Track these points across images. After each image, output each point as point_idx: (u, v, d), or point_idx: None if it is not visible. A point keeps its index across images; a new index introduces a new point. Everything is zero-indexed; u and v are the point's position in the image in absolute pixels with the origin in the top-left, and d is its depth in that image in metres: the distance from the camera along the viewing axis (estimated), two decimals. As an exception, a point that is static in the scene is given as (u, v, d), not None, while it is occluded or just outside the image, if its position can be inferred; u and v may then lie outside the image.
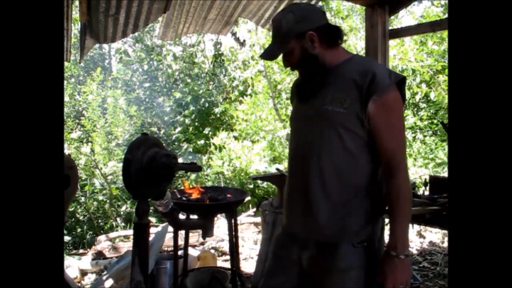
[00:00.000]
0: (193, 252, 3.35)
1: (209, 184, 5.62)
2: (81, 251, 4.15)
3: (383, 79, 1.21)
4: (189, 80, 7.84)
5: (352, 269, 1.29)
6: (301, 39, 1.29)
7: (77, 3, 2.93)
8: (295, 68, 1.40)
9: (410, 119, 7.27)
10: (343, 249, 1.28)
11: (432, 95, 6.65)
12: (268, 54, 1.37)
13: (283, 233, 1.46)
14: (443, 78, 6.49)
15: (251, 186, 5.68)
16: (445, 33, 6.40)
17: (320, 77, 1.31)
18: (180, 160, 5.96)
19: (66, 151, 5.59)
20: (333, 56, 1.33)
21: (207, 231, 2.11)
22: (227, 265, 3.16)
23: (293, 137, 1.43)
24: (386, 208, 1.32)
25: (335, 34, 1.34)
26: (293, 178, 1.39)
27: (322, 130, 1.28)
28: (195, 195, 2.28)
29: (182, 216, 2.16)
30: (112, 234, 4.14)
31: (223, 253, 3.79)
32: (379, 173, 1.32)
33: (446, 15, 6.21)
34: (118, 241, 3.93)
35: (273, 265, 1.45)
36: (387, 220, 2.89)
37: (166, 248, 3.60)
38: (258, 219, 4.25)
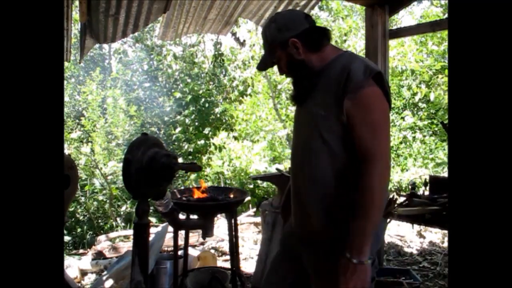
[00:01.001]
0: (193, 252, 3.35)
1: (209, 184, 5.63)
2: (81, 251, 4.15)
3: (358, 75, 1.19)
4: (189, 80, 7.84)
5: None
6: (285, 47, 1.32)
7: (77, 3, 2.93)
8: (287, 75, 1.44)
9: (409, 119, 7.28)
10: (331, 250, 1.28)
11: (432, 95, 6.65)
12: (261, 65, 1.44)
13: (289, 229, 1.52)
14: (442, 78, 6.49)
15: (251, 186, 5.68)
16: (445, 33, 6.40)
17: (308, 81, 1.32)
18: (180, 160, 5.96)
19: (66, 151, 5.59)
20: (320, 58, 1.33)
21: (207, 231, 2.11)
22: (227, 265, 3.16)
23: (293, 138, 1.47)
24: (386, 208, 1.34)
25: (319, 37, 1.34)
26: (292, 178, 1.44)
27: (311, 132, 1.29)
28: (199, 195, 2.29)
29: (182, 216, 2.16)
30: (112, 234, 4.14)
31: (223, 253, 3.79)
32: None
33: (446, 15, 6.22)
34: (118, 241, 3.93)
35: (279, 254, 1.54)
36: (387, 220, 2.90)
37: (166, 248, 3.60)
38: (258, 219, 4.26)
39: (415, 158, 6.92)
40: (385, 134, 1.24)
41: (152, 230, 3.36)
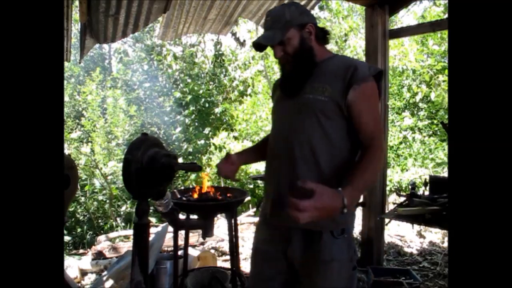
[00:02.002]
0: (193, 252, 3.35)
1: (209, 184, 5.62)
2: (81, 251, 4.15)
3: (363, 71, 1.32)
4: (189, 80, 7.83)
5: (334, 261, 1.33)
6: (300, 30, 1.38)
7: (77, 3, 2.93)
8: (288, 59, 1.40)
9: (409, 120, 7.27)
10: (326, 240, 1.33)
11: (432, 95, 6.65)
12: (268, 39, 1.37)
13: (266, 227, 1.48)
14: (443, 78, 6.49)
15: (251, 186, 5.68)
16: (445, 33, 6.39)
17: (310, 69, 1.39)
18: (180, 160, 5.96)
19: (66, 151, 5.59)
20: (320, 52, 1.43)
21: (207, 231, 2.11)
22: (227, 265, 3.16)
23: (276, 130, 1.47)
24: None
25: (325, 33, 1.46)
26: (278, 169, 1.40)
27: (304, 118, 1.34)
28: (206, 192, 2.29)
29: (182, 216, 2.16)
30: (112, 234, 4.14)
31: (223, 253, 3.79)
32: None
33: (446, 15, 6.21)
34: (118, 241, 3.93)
35: (261, 262, 1.49)
36: (387, 220, 2.91)
37: (166, 248, 3.60)
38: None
39: (415, 158, 6.92)
40: (380, 123, 1.42)
41: (152, 230, 3.37)
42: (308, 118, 1.33)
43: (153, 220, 4.61)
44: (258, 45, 1.41)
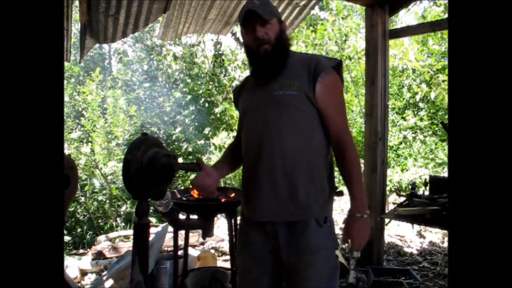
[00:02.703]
0: (193, 252, 3.35)
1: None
2: (81, 251, 4.15)
3: (325, 63, 1.40)
4: (189, 80, 7.83)
5: (321, 249, 1.39)
6: (279, 24, 1.46)
7: (77, 3, 2.93)
8: (268, 40, 1.41)
9: (410, 120, 7.27)
10: (312, 228, 1.38)
11: (432, 95, 6.65)
12: (262, 11, 1.38)
13: (249, 225, 1.48)
14: (443, 77, 6.49)
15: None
16: (445, 33, 6.39)
17: (285, 57, 1.44)
18: (180, 160, 5.96)
19: (66, 151, 5.59)
20: None
21: (207, 231, 2.11)
22: (227, 265, 3.16)
23: (249, 129, 1.48)
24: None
25: (289, 39, 1.53)
26: (255, 166, 1.42)
27: (276, 114, 1.38)
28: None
29: (182, 216, 2.16)
30: (112, 234, 4.14)
31: (223, 253, 3.78)
32: (329, 157, 1.46)
33: (447, 15, 6.21)
34: (118, 241, 3.93)
35: (247, 260, 1.49)
36: (387, 220, 2.90)
37: (166, 248, 3.60)
38: (258, 219, 4.25)
39: (415, 158, 6.91)
40: (345, 112, 1.50)
41: (152, 230, 3.36)
42: (282, 114, 1.37)
43: (153, 220, 4.61)
44: (245, 17, 1.41)
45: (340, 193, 1.53)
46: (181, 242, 2.68)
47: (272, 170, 1.37)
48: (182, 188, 2.36)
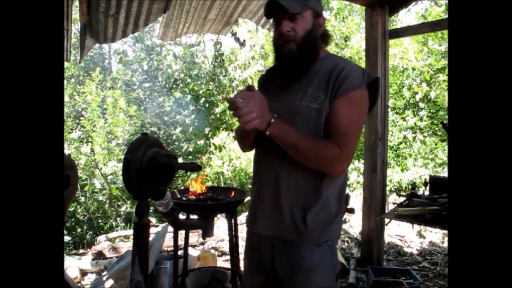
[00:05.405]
0: (193, 252, 3.35)
1: (209, 184, 5.62)
2: (81, 251, 4.15)
3: (356, 78, 1.23)
4: (189, 80, 7.83)
5: (316, 268, 1.29)
6: (315, 17, 1.28)
7: (77, 3, 2.93)
8: (295, 37, 1.26)
9: (410, 120, 7.27)
10: (308, 248, 1.29)
11: (432, 95, 6.65)
12: (288, 5, 1.22)
13: (253, 235, 1.46)
14: (443, 77, 6.49)
15: (251, 186, 5.67)
16: (445, 33, 6.39)
17: (311, 59, 1.29)
18: (180, 160, 5.96)
19: (66, 151, 5.59)
20: (320, 52, 1.34)
21: (207, 231, 2.11)
22: (227, 265, 3.16)
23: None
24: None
25: (329, 35, 1.37)
26: (262, 179, 1.38)
27: (293, 125, 1.23)
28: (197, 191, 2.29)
29: (182, 216, 2.16)
30: (112, 234, 4.14)
31: (223, 253, 3.79)
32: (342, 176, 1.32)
33: (447, 15, 6.21)
34: (118, 241, 3.93)
35: (249, 265, 1.49)
36: (387, 220, 2.90)
37: (166, 248, 3.60)
38: (258, 219, 4.24)
39: (415, 158, 6.91)
40: (358, 133, 1.27)
41: (152, 230, 3.37)
42: (299, 127, 1.22)
43: (153, 220, 4.61)
44: (270, 8, 1.26)
45: (351, 211, 1.44)
46: (181, 242, 2.68)
47: (271, 185, 1.32)
48: (182, 188, 2.35)
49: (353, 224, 4.39)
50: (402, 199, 2.70)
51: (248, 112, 1.10)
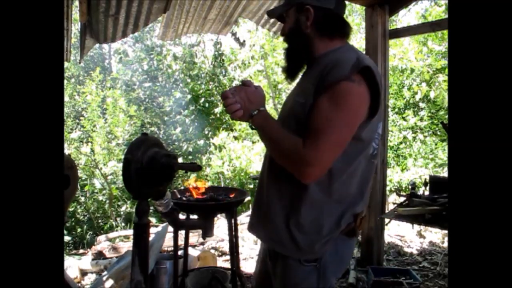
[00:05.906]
0: (193, 252, 3.35)
1: (209, 184, 5.62)
2: (81, 251, 4.15)
3: (342, 69, 1.06)
4: (189, 80, 7.84)
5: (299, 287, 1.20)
6: (299, 12, 1.19)
7: (77, 3, 2.93)
8: (284, 39, 1.28)
9: (410, 119, 7.27)
10: (292, 264, 1.20)
11: (432, 95, 6.65)
12: (270, 11, 1.27)
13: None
14: (443, 77, 6.49)
15: (251, 186, 5.68)
16: (445, 33, 6.39)
17: (299, 59, 1.24)
18: (180, 160, 5.95)
19: (66, 151, 5.59)
20: (323, 46, 1.20)
21: (207, 231, 2.11)
22: (227, 265, 3.16)
23: None
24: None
25: (334, 24, 1.20)
26: (258, 183, 1.38)
27: (287, 121, 1.19)
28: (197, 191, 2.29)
29: (182, 216, 2.16)
30: (112, 234, 4.14)
31: (223, 253, 3.79)
32: (337, 188, 1.15)
33: (447, 15, 6.21)
34: (118, 241, 3.93)
35: (258, 268, 1.51)
36: (387, 220, 2.90)
37: (166, 248, 3.60)
38: (258, 219, 4.24)
39: (415, 158, 6.91)
40: (337, 135, 1.07)
41: (152, 230, 3.37)
42: (291, 124, 1.16)
43: (153, 220, 4.61)
44: (268, 16, 1.31)
45: (352, 233, 1.22)
46: (181, 242, 2.68)
47: (258, 193, 1.31)
48: (182, 188, 2.35)
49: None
50: (402, 199, 2.70)
51: (233, 102, 1.13)
